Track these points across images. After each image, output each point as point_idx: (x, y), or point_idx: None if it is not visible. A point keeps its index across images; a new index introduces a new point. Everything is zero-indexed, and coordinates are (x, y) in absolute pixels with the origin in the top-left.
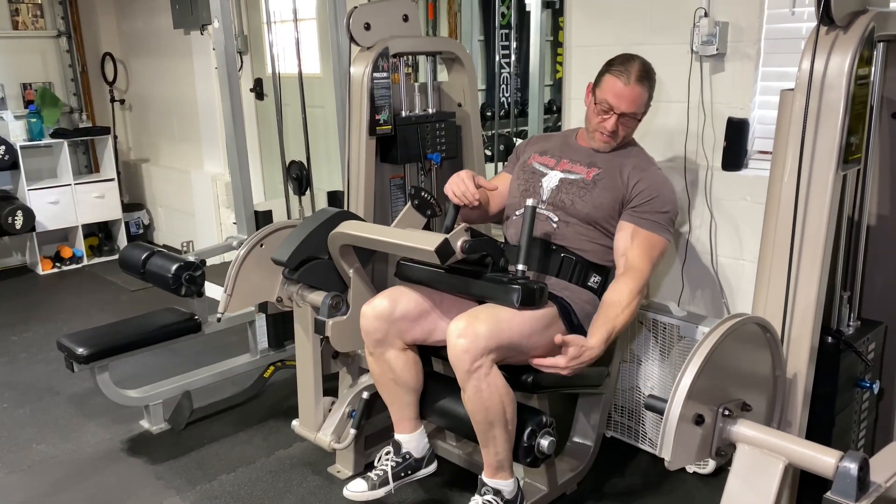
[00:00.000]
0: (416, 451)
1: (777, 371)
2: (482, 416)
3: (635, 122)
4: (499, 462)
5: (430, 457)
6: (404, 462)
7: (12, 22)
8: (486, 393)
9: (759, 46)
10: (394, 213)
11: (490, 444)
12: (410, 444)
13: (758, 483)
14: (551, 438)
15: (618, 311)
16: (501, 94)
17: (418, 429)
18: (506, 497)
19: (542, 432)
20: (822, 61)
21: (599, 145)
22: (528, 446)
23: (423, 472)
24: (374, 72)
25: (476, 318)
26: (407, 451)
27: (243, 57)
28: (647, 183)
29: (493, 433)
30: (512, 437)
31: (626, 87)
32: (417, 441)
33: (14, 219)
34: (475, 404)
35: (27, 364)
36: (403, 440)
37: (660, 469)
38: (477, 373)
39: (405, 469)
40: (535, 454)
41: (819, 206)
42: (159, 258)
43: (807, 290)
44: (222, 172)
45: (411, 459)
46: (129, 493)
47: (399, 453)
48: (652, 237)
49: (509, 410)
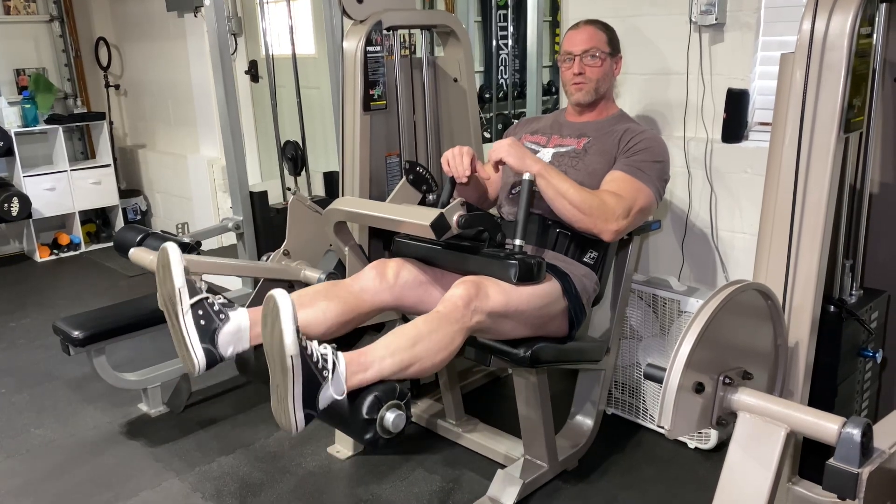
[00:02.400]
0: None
1: (778, 340)
2: (414, 332)
3: (599, 60)
4: (369, 362)
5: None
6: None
7: (4, 7)
8: (439, 336)
9: (759, 15)
10: (390, 191)
11: (387, 350)
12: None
13: (759, 451)
14: (399, 412)
15: (567, 182)
16: (499, 75)
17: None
18: (330, 361)
19: (390, 404)
20: (823, 21)
21: (578, 96)
22: (369, 419)
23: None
24: (367, 45)
25: (487, 280)
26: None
27: (237, 39)
28: (640, 137)
29: (402, 345)
30: (400, 371)
31: (575, 32)
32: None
33: (10, 206)
34: (421, 329)
35: (25, 350)
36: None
37: (661, 444)
38: (459, 313)
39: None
40: (376, 430)
41: (821, 171)
42: (153, 240)
43: (808, 259)
44: (218, 156)
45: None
46: (128, 475)
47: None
48: (636, 183)
49: (428, 363)
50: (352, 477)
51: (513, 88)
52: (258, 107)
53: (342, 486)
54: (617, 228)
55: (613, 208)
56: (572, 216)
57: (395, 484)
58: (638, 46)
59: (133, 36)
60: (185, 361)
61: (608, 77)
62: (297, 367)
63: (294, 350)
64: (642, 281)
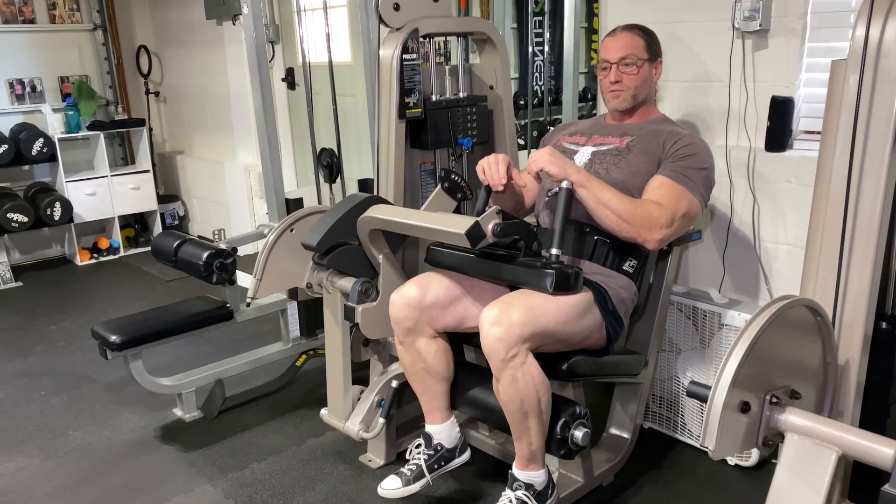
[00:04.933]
0: (447, 441)
1: (828, 357)
2: (516, 407)
3: (636, 68)
4: (532, 454)
5: (462, 446)
6: (437, 454)
7: (49, 16)
8: (521, 383)
9: (805, 20)
10: (424, 198)
11: (523, 436)
12: (441, 436)
13: (808, 475)
14: (585, 430)
15: (609, 191)
16: (535, 81)
17: (449, 419)
18: (537, 489)
19: (576, 423)
20: (878, 27)
21: (615, 103)
22: (562, 438)
23: (457, 462)
24: (403, 53)
25: (510, 305)
26: (438, 442)
27: (275, 47)
28: (685, 142)
29: (528, 424)
30: (546, 427)
31: (612, 39)
32: (449, 431)
33: (53, 210)
34: (509, 395)
35: (65, 353)
36: (434, 431)
37: (700, 461)
38: (512, 362)
39: (438, 461)
40: (568, 446)
41: (874, 182)
42: (191, 246)
43: (860, 273)
44: (255, 163)
45: (443, 450)
46: (161, 480)
47: (430, 445)
48: (680, 189)
49: (544, 401)
50: None
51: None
52: (294, 114)
53: (374, 495)
54: (661, 237)
55: (658, 217)
56: (615, 225)
57: (427, 494)
58: (678, 53)
59: (173, 44)
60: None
61: (646, 83)
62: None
63: None
64: (682, 292)
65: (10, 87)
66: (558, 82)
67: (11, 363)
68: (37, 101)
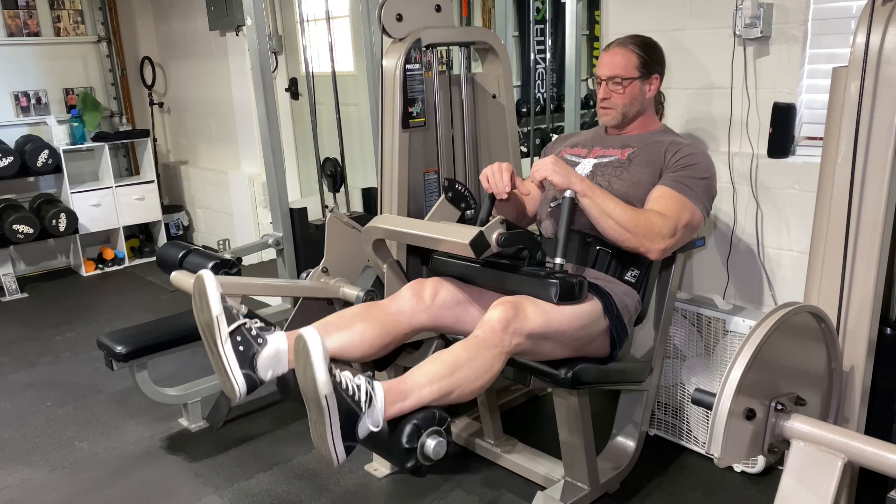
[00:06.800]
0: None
1: (833, 364)
2: (452, 361)
3: (622, 87)
4: (405, 390)
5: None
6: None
7: (54, 28)
8: (482, 357)
9: (806, 27)
10: (428, 208)
11: (426, 380)
12: (279, 341)
13: (815, 482)
14: (440, 439)
15: (612, 201)
16: (537, 89)
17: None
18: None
19: (430, 431)
20: (879, 35)
21: (604, 119)
22: (409, 448)
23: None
24: (406, 63)
25: (525, 300)
26: (263, 336)
27: (278, 57)
28: (686, 152)
29: (444, 380)
30: (440, 399)
31: (606, 54)
32: (283, 345)
33: (58, 221)
34: (460, 355)
35: (70, 363)
36: (280, 337)
37: (706, 468)
38: (497, 337)
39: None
40: (416, 457)
41: (876, 187)
42: (195, 256)
43: (864, 279)
44: (259, 173)
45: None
46: (168, 490)
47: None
48: (682, 199)
49: (468, 389)
50: (389, 496)
51: (550, 102)
52: (298, 124)
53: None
54: (664, 247)
55: (660, 227)
56: (618, 235)
57: (434, 500)
58: (680, 61)
59: (176, 55)
60: (225, 388)
61: (636, 101)
62: (332, 405)
63: (327, 389)
64: (686, 299)
65: (16, 99)
66: (560, 90)
67: (17, 374)
68: (42, 113)
